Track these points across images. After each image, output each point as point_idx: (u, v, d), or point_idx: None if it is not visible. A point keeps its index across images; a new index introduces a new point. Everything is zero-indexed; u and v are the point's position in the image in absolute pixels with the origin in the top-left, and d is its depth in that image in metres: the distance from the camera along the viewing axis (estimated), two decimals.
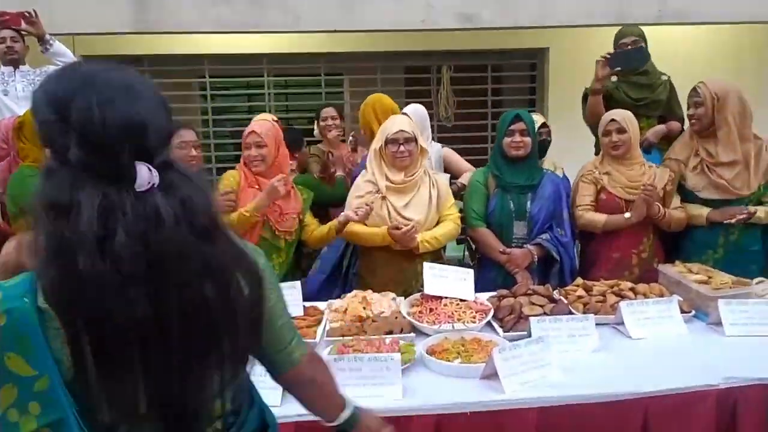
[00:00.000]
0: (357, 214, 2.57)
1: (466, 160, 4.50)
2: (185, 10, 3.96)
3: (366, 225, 2.64)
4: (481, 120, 5.33)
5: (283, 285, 2.29)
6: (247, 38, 4.52)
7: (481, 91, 5.27)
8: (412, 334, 2.08)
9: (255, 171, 2.61)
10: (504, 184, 2.71)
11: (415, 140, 2.62)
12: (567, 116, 3.74)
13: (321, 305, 2.40)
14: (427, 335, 2.07)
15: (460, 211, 2.81)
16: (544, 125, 3.15)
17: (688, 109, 2.84)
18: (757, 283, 2.38)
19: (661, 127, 3.19)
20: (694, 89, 2.78)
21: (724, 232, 2.73)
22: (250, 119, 3.37)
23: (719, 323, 2.09)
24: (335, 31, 4.05)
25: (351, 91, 5.63)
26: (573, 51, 3.66)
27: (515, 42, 4.93)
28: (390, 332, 2.07)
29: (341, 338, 2.01)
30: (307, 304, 2.38)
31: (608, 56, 3.10)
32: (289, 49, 4.90)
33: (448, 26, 3.98)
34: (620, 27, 3.37)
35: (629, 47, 3.16)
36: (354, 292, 2.41)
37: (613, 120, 2.75)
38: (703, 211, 2.72)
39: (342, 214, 2.65)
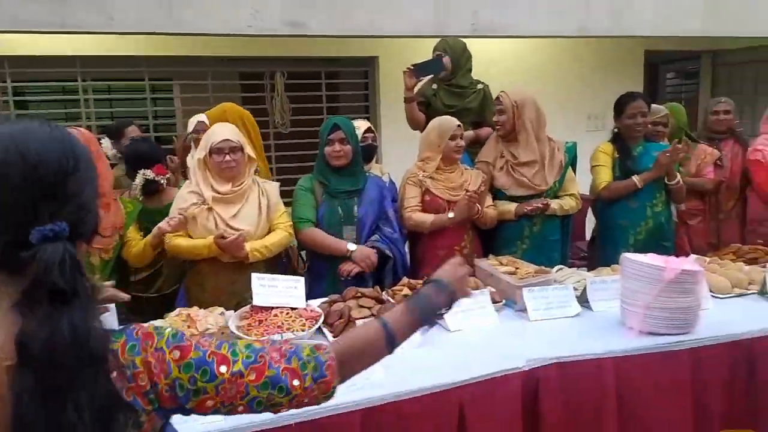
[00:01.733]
0: (169, 224, 2.44)
1: (302, 166, 4.50)
2: None
3: (191, 238, 2.53)
4: (318, 126, 5.35)
5: None
6: (57, 39, 4.05)
7: (317, 97, 5.30)
8: None
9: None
10: (330, 190, 2.76)
11: (242, 149, 2.56)
12: (398, 122, 3.88)
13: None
14: None
15: None
16: (369, 130, 3.25)
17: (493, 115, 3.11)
18: (556, 271, 2.67)
19: (469, 133, 3.43)
20: (497, 98, 3.05)
21: (529, 224, 3.02)
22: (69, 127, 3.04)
23: (525, 310, 2.30)
24: (153, 34, 3.81)
25: (182, 98, 5.36)
26: (401, 60, 3.80)
27: (346, 50, 5.03)
28: None
29: None
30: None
31: (412, 67, 3.35)
32: (105, 51, 4.51)
33: (276, 32, 3.93)
34: (440, 38, 3.62)
35: (443, 57, 3.43)
36: (177, 310, 2.28)
37: (459, 126, 2.94)
38: (511, 207, 3.00)
39: (156, 227, 2.51)
